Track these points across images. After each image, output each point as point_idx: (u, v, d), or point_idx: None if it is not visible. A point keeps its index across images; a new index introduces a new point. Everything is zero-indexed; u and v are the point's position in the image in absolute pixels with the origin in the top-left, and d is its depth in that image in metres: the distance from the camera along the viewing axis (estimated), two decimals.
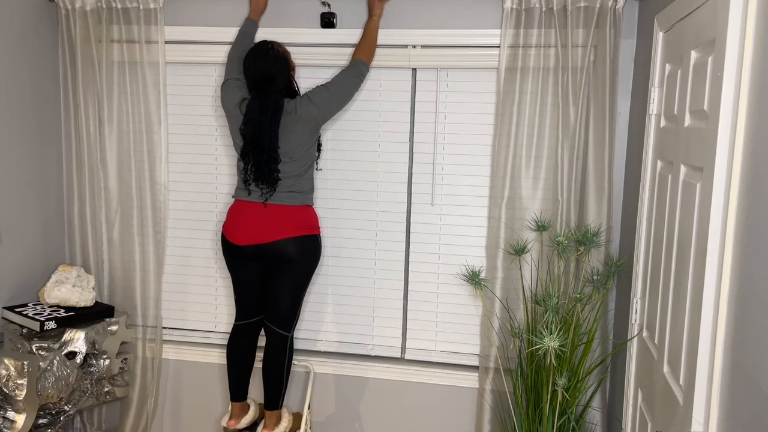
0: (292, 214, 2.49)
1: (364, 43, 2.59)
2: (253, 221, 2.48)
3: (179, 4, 2.84)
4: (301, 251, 2.50)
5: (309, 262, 2.56)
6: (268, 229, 2.47)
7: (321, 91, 2.50)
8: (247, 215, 2.50)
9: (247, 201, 2.51)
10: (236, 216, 2.53)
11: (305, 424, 2.74)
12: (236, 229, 2.52)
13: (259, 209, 2.49)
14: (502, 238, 2.64)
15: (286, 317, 2.57)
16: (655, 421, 1.92)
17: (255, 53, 2.48)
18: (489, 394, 2.70)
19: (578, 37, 2.50)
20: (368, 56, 2.58)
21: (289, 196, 2.49)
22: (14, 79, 2.69)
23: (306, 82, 2.76)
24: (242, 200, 2.52)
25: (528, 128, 2.58)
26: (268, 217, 2.48)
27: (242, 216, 2.51)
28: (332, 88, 2.51)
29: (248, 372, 2.69)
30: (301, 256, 2.51)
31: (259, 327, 2.69)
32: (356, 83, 2.55)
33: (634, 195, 2.42)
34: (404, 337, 2.92)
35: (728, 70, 1.45)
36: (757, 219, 1.31)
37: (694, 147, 1.67)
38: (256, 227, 2.48)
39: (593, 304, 2.51)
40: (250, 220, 2.49)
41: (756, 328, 1.29)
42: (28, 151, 2.79)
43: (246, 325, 2.66)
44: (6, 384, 2.32)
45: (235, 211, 2.54)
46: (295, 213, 2.50)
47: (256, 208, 2.49)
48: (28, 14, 2.74)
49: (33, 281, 2.87)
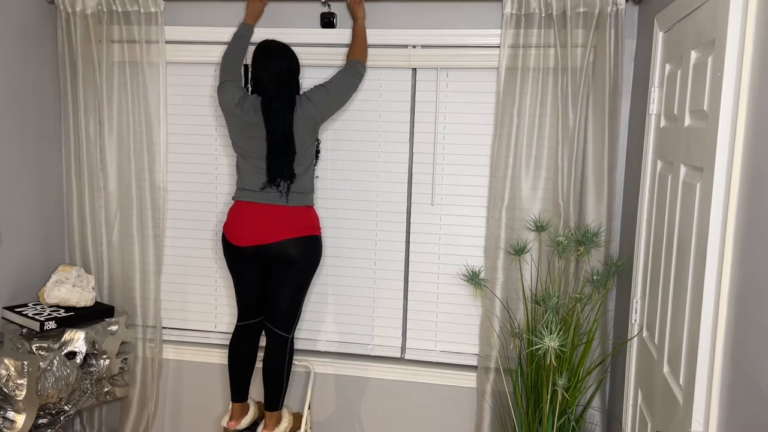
0: (293, 214, 2.49)
1: (357, 45, 2.60)
2: (255, 222, 2.48)
3: (180, 5, 2.84)
4: (302, 252, 2.50)
5: (310, 263, 2.56)
6: (270, 229, 2.46)
7: (320, 91, 2.50)
8: (248, 216, 2.49)
9: (248, 202, 2.50)
10: (237, 216, 2.53)
11: (305, 424, 2.74)
12: (237, 229, 2.52)
13: (261, 210, 2.48)
14: (502, 238, 2.64)
15: (287, 318, 2.57)
16: (655, 421, 1.92)
17: (268, 52, 2.50)
18: (489, 394, 2.70)
19: (578, 38, 2.50)
20: (363, 56, 2.60)
21: (292, 196, 2.49)
22: (15, 81, 2.69)
23: (306, 82, 2.75)
24: (243, 201, 2.52)
25: (528, 128, 2.58)
26: (269, 217, 2.47)
27: (243, 217, 2.51)
28: (330, 87, 2.51)
29: (249, 373, 2.69)
30: (303, 256, 2.51)
31: (261, 328, 2.69)
32: (354, 83, 2.56)
33: (634, 195, 2.42)
34: (404, 337, 2.92)
35: (728, 70, 1.45)
36: (757, 219, 1.31)
37: (694, 147, 1.67)
38: (258, 228, 2.47)
39: (593, 304, 2.51)
40: (252, 221, 2.49)
41: (756, 328, 1.29)
42: (29, 152, 2.79)
43: (248, 326, 2.66)
44: (6, 384, 2.32)
45: (236, 212, 2.54)
46: (296, 213, 2.50)
47: (257, 209, 2.49)
48: (28, 17, 2.75)
49: (33, 281, 2.87)
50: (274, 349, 2.58)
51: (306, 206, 2.54)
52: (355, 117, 2.81)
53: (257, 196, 2.49)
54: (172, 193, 2.99)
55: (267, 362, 2.58)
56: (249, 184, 2.51)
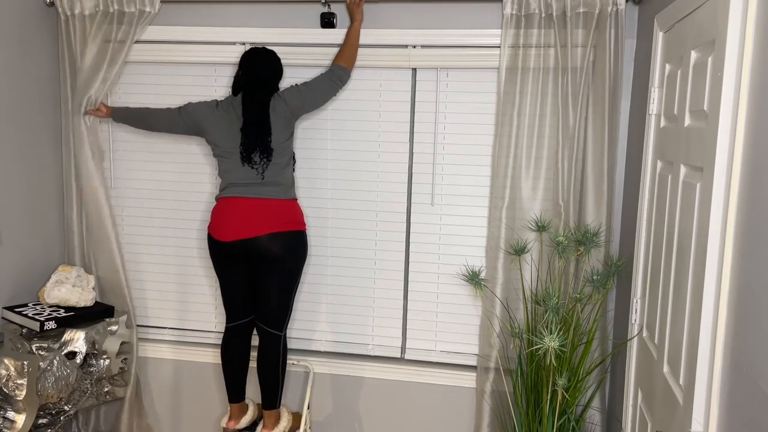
0: (277, 208, 2.49)
1: (347, 48, 2.59)
2: (238, 216, 2.47)
3: (177, 5, 2.84)
4: (287, 247, 2.49)
5: (296, 259, 2.55)
6: (253, 223, 2.46)
7: (292, 89, 2.55)
8: (233, 211, 2.49)
9: (231, 197, 2.50)
10: (221, 212, 2.52)
11: (305, 423, 2.74)
12: (221, 224, 2.51)
13: (244, 204, 2.47)
14: (502, 239, 2.64)
15: (278, 316, 2.56)
16: (655, 421, 1.92)
17: (259, 54, 2.56)
18: (489, 394, 2.70)
19: (578, 38, 2.50)
20: (349, 61, 2.59)
21: (274, 190, 2.49)
22: (14, 82, 2.70)
23: None
24: (226, 197, 2.52)
25: (528, 129, 2.58)
26: (252, 211, 2.47)
27: (227, 212, 2.50)
28: (303, 87, 2.55)
29: (244, 372, 2.69)
30: (287, 252, 2.49)
31: (252, 327, 2.69)
32: (332, 87, 2.57)
33: (634, 195, 2.42)
34: (404, 337, 2.92)
35: (728, 70, 1.45)
36: (757, 219, 1.31)
37: (694, 147, 1.67)
38: (241, 222, 2.46)
39: (593, 304, 2.51)
40: (235, 216, 2.48)
41: (756, 328, 1.29)
42: (29, 153, 2.79)
43: (238, 327, 2.66)
44: (6, 384, 2.32)
45: (219, 209, 2.53)
46: (280, 207, 2.49)
47: (240, 203, 2.48)
48: (27, 19, 2.75)
49: (33, 281, 2.87)
50: (267, 348, 2.57)
51: (290, 200, 2.54)
52: (356, 117, 2.81)
53: (239, 190, 2.49)
54: (171, 193, 2.99)
55: (261, 361, 2.58)
56: (230, 179, 2.52)
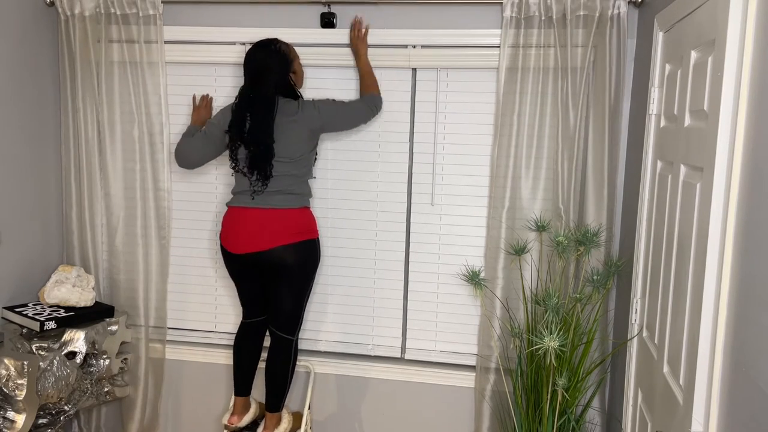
0: (289, 218, 2.47)
1: (366, 79, 2.62)
2: (250, 229, 2.45)
3: (178, 5, 2.84)
4: (299, 257, 2.48)
5: (309, 266, 2.54)
6: (265, 236, 2.44)
7: (328, 102, 2.53)
8: (243, 223, 2.47)
9: (241, 207, 2.49)
10: (231, 224, 2.51)
11: (305, 423, 2.74)
12: (232, 237, 2.50)
13: (255, 215, 2.46)
14: (502, 239, 2.64)
15: (290, 322, 2.56)
16: (655, 421, 1.92)
17: (257, 45, 2.53)
18: (489, 394, 2.70)
19: (578, 38, 2.50)
20: (376, 89, 2.62)
21: (287, 199, 2.47)
22: (14, 82, 2.69)
23: (306, 82, 2.76)
24: (236, 206, 2.51)
25: (528, 129, 2.58)
26: (264, 223, 2.45)
27: (238, 224, 2.48)
28: (340, 104, 2.54)
29: (253, 368, 2.71)
30: (300, 262, 2.49)
31: (266, 325, 2.70)
32: (367, 113, 2.57)
33: (634, 195, 2.42)
34: (404, 337, 2.92)
35: (728, 70, 1.45)
36: (757, 219, 1.31)
37: (694, 147, 1.67)
38: (253, 235, 2.45)
39: (593, 304, 2.51)
40: (246, 228, 2.46)
41: (756, 328, 1.29)
42: (29, 152, 2.79)
43: (252, 324, 2.68)
44: (6, 384, 2.32)
45: (230, 219, 2.52)
46: (292, 217, 2.48)
47: (251, 215, 2.46)
48: (27, 19, 2.75)
49: (33, 281, 2.87)
50: (277, 352, 2.58)
51: (302, 207, 2.53)
52: None
53: (247, 200, 2.48)
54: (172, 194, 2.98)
55: (270, 364, 2.58)
56: (240, 187, 2.51)
